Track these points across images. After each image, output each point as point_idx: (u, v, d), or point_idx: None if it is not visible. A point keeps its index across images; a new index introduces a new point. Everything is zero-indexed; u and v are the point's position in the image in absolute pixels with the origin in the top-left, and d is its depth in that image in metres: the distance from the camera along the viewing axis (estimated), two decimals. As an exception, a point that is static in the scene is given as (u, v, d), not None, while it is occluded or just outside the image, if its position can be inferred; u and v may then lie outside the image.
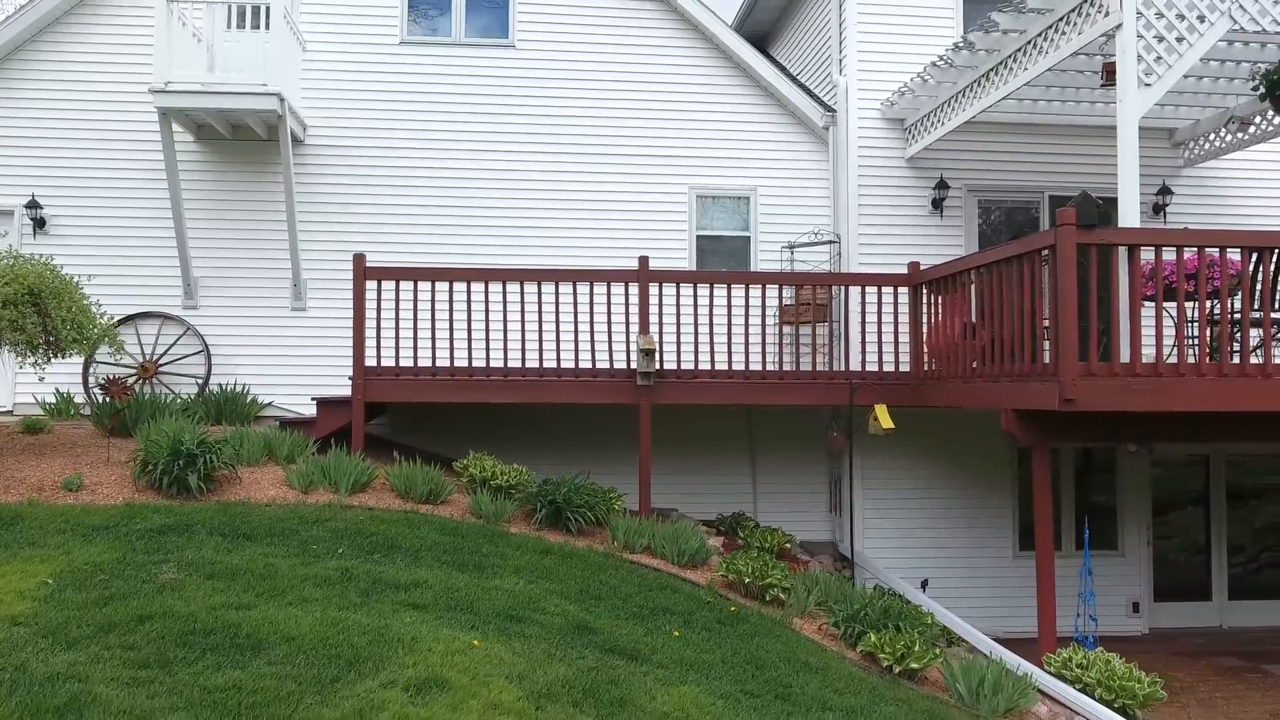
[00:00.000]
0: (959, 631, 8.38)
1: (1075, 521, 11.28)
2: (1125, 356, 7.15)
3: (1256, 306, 7.62)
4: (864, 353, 9.96)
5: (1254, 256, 7.40)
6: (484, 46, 11.52)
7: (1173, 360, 7.35)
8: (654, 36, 11.65)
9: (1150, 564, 11.39)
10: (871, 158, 11.20)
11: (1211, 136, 10.95)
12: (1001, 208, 11.40)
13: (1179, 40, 7.26)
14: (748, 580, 7.78)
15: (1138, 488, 11.39)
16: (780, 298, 10.18)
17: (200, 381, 10.76)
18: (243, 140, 11.06)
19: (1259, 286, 7.46)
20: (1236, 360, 7.43)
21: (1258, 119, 10.28)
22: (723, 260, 11.53)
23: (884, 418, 8.60)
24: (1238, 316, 8.10)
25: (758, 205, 11.57)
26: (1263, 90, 8.00)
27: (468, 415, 10.75)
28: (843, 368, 10.61)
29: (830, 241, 11.18)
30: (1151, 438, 8.20)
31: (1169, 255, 8.13)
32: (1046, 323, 7.18)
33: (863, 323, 9.96)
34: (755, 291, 9.85)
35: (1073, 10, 7.88)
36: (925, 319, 9.48)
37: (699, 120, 11.61)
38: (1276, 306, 7.20)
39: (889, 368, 9.94)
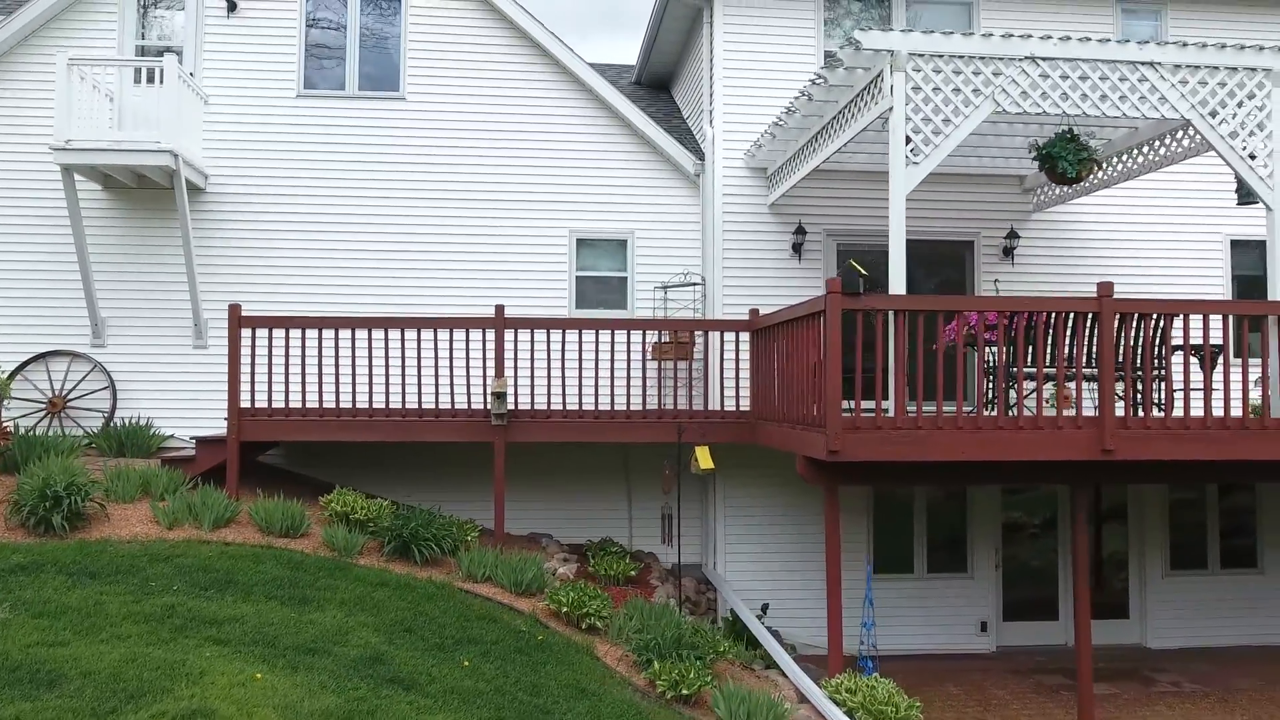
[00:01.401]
0: (773, 655, 9.13)
1: (927, 546, 12.02)
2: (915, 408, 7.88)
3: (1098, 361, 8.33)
4: (706, 392, 10.70)
5: (1071, 317, 8.07)
6: (376, 99, 12.28)
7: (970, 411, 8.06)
8: (537, 88, 12.39)
9: (999, 585, 12.12)
10: (736, 204, 11.93)
11: (1052, 185, 11.66)
12: (859, 251, 12.11)
13: (945, 122, 7.99)
14: (565, 610, 8.53)
15: (988, 513, 12.11)
16: (628, 339, 10.82)
17: (105, 416, 11.54)
18: (148, 189, 11.84)
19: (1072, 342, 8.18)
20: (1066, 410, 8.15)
21: (1083, 172, 10.98)
22: (602, 297, 12.28)
23: (704, 459, 9.34)
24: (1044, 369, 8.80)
25: (635, 247, 12.31)
26: (1039, 161, 8.72)
27: (357, 447, 11.52)
28: (702, 406, 11.35)
29: (696, 284, 11.93)
30: (926, 481, 8.92)
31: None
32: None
33: (705, 364, 10.76)
34: (605, 335, 10.60)
35: (864, 90, 8.61)
36: (758, 363, 10.22)
37: (580, 167, 12.36)
38: (1043, 363, 7.94)
39: (743, 406, 10.69)
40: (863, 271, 7.54)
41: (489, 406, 10.07)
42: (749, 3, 11.99)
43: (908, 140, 7.93)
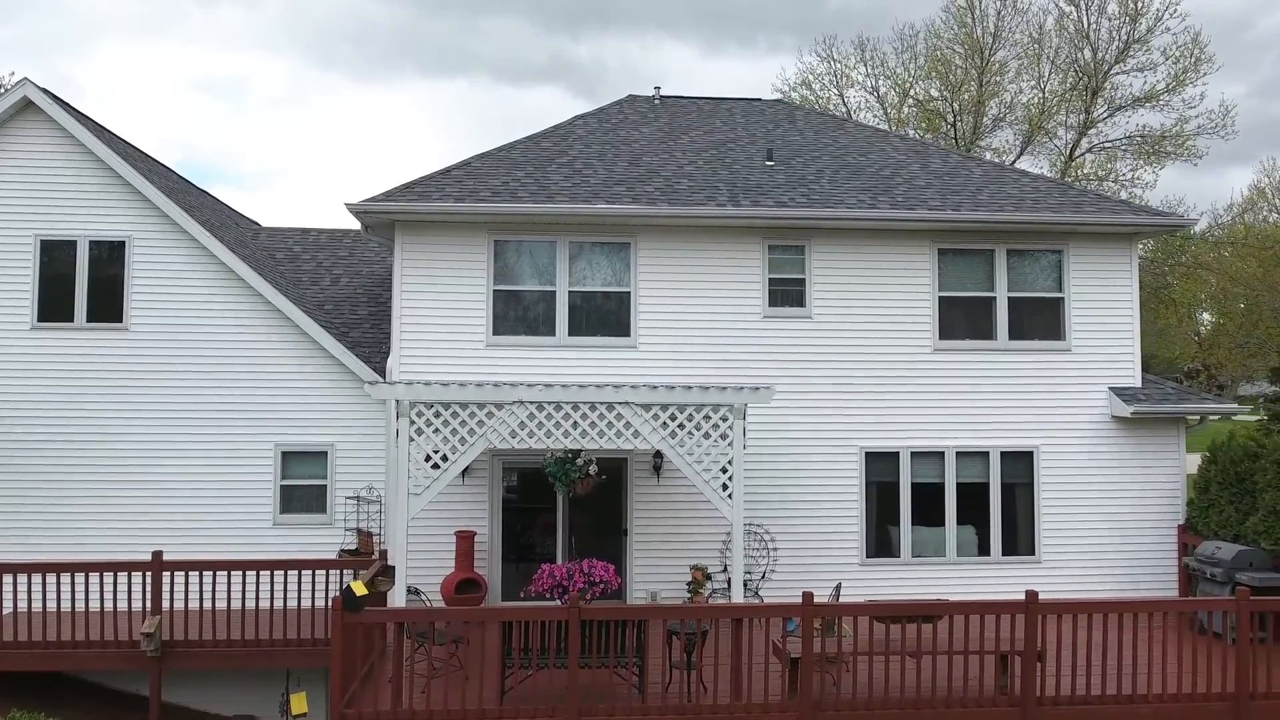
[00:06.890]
0: None
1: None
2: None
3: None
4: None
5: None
6: (103, 330, 13.88)
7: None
8: (246, 317, 13.96)
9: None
10: (411, 429, 13.52)
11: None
12: (522, 470, 13.67)
13: (444, 459, 9.56)
14: None
15: None
16: (285, 577, 12.29)
17: None
18: (-106, 417, 13.51)
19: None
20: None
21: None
22: (305, 505, 13.90)
23: (296, 705, 10.91)
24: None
25: (336, 458, 13.92)
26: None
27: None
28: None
29: (374, 502, 13.55)
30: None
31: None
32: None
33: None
34: (265, 574, 12.18)
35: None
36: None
37: (285, 385, 13.95)
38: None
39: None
40: (359, 592, 9.09)
41: (140, 643, 11.68)
42: (424, 253, 13.58)
43: (410, 474, 9.49)
